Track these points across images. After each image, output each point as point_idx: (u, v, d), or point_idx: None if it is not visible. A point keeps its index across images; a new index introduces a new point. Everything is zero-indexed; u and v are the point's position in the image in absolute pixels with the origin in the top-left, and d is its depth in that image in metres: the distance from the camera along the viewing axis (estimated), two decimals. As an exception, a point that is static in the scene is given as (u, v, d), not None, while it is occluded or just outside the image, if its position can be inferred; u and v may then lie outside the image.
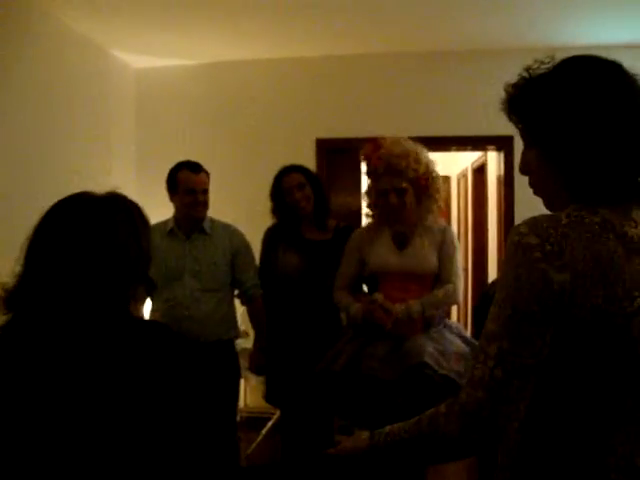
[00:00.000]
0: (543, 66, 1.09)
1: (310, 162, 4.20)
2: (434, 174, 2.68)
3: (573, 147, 1.04)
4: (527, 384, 1.01)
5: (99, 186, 1.32)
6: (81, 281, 1.18)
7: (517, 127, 1.13)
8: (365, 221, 3.02)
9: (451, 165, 7.06)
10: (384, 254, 2.68)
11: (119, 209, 1.27)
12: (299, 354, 3.00)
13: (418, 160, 2.61)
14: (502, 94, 1.13)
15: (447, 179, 7.35)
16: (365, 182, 2.87)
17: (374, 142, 2.69)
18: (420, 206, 2.68)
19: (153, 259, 1.32)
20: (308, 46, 4.55)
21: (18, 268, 1.21)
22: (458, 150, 5.35)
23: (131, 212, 1.29)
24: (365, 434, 1.20)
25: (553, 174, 1.09)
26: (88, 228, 1.21)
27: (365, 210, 2.86)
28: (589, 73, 1.05)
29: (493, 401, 1.01)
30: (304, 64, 4.73)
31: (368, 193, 2.80)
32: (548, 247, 0.98)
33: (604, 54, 1.09)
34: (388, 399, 2.39)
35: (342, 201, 4.59)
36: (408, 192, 2.62)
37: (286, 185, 3.12)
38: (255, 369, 3.27)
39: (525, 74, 1.10)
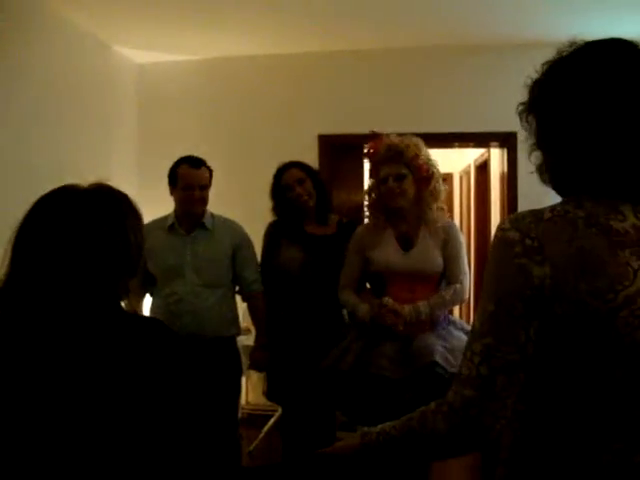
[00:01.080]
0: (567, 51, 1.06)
1: (312, 158, 4.19)
2: (435, 169, 2.69)
3: (562, 132, 1.02)
4: (514, 380, 1.00)
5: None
6: (68, 276, 1.16)
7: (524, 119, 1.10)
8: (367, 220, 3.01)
9: (454, 162, 7.03)
10: (390, 256, 2.67)
11: (104, 201, 1.23)
12: (301, 351, 2.98)
13: (418, 147, 2.63)
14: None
15: (449, 176, 7.32)
16: (367, 180, 2.88)
17: (375, 136, 2.74)
18: (421, 202, 2.68)
19: (153, 255, 1.30)
20: (310, 42, 4.52)
21: (5, 264, 1.18)
22: (461, 147, 5.33)
23: (118, 203, 1.25)
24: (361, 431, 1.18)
25: (545, 162, 1.08)
26: (71, 221, 1.18)
27: (366, 210, 2.85)
28: (593, 58, 1.02)
29: (481, 398, 1.00)
30: (306, 60, 4.70)
31: (369, 192, 2.80)
32: (528, 242, 0.98)
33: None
34: (396, 397, 2.38)
35: (345, 197, 4.57)
36: (407, 178, 2.63)
37: (286, 181, 3.09)
38: (255, 366, 3.25)
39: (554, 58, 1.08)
